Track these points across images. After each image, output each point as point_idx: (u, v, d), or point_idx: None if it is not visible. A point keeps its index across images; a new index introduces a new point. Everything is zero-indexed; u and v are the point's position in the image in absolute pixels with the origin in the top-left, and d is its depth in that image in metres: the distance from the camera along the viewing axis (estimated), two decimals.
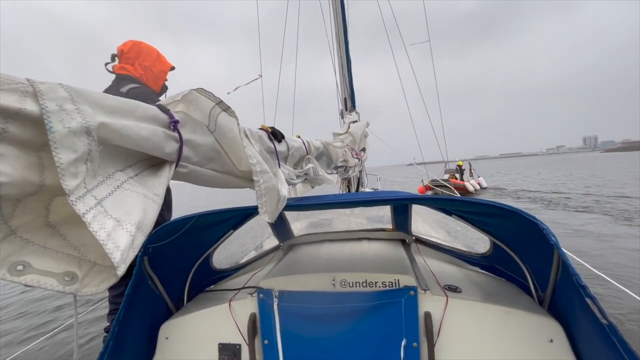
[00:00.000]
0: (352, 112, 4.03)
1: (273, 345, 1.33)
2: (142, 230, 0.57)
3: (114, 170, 0.60)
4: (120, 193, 0.57)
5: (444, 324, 1.24)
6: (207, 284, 1.93)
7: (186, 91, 0.82)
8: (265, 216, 0.99)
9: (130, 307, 1.35)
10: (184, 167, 0.79)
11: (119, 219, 0.53)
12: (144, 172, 0.69)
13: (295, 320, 1.34)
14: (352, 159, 2.61)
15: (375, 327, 1.26)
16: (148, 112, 0.69)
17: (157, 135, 0.67)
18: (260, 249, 2.68)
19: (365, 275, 1.40)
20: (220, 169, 0.94)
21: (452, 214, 1.55)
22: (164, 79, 2.19)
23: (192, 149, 0.80)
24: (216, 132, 0.89)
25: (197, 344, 1.46)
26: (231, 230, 1.78)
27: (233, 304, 1.46)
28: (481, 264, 1.80)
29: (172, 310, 1.63)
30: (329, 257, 1.86)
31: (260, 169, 0.93)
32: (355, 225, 2.88)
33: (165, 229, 1.30)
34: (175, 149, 0.74)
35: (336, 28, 4.14)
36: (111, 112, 0.58)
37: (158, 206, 0.63)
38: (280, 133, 1.42)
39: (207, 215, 1.32)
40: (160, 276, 1.50)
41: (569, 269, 0.97)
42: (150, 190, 0.64)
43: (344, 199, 1.47)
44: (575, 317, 1.09)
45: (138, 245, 0.56)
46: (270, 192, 0.97)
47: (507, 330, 1.19)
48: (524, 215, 1.02)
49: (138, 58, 2.00)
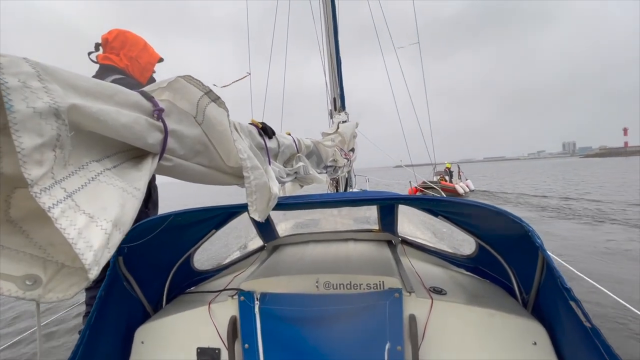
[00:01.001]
0: (341, 112, 4.00)
1: (254, 349, 1.28)
2: (120, 228, 0.51)
3: (88, 160, 0.53)
4: (95, 186, 0.51)
5: (428, 326, 1.23)
6: (188, 286, 1.86)
7: (172, 78, 0.76)
8: (255, 215, 0.93)
9: (103, 310, 1.28)
10: (169, 160, 0.72)
11: (93, 215, 0.47)
12: (124, 164, 0.62)
13: (277, 323, 1.30)
14: (342, 158, 2.58)
15: (358, 330, 1.24)
16: (130, 97, 0.62)
17: (139, 123, 0.61)
18: (244, 250, 2.61)
19: (350, 277, 1.38)
20: (208, 164, 0.87)
21: (438, 215, 1.54)
22: (152, 71, 2.08)
23: (177, 140, 0.74)
24: (204, 124, 0.83)
25: (174, 349, 1.39)
26: (213, 230, 1.72)
27: (213, 306, 1.40)
28: (466, 266, 1.81)
29: (149, 313, 1.56)
30: (314, 258, 1.83)
31: (251, 164, 0.88)
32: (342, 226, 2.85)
33: (142, 228, 1.24)
34: (159, 140, 0.68)
35: (326, 27, 4.11)
36: (86, 94, 0.51)
37: (138, 201, 0.57)
38: (270, 129, 1.36)
39: (186, 213, 1.25)
40: (137, 277, 1.43)
41: (554, 272, 0.98)
42: (130, 184, 0.57)
43: (331, 198, 1.44)
44: (559, 319, 1.10)
45: (114, 245, 0.49)
46: (261, 189, 0.92)
47: (492, 333, 1.19)
48: (509, 216, 1.02)
49: (123, 48, 1.90)
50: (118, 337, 1.41)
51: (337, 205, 2.32)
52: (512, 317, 1.20)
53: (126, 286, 1.41)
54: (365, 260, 1.74)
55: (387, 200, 1.22)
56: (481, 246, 1.56)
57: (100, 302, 1.25)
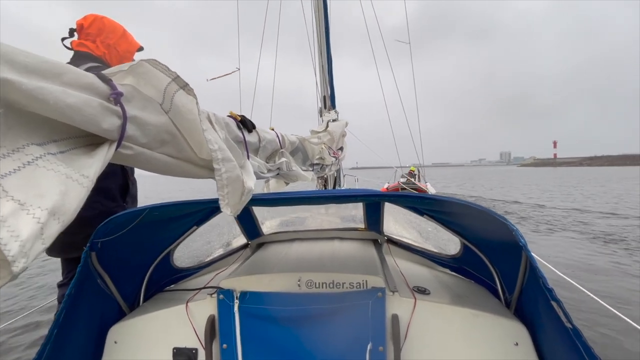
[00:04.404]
0: (331, 110, 3.97)
1: (232, 349, 1.25)
2: (59, 218, 0.46)
3: (26, 143, 0.48)
4: (32, 171, 0.46)
5: (411, 326, 1.21)
6: (167, 284, 1.80)
7: (135, 62, 0.71)
8: (227, 209, 0.89)
9: (73, 308, 1.21)
10: (128, 149, 0.67)
11: (24, 202, 0.42)
12: (74, 150, 0.58)
13: (256, 322, 1.26)
14: (329, 157, 2.55)
15: (340, 330, 1.21)
16: (82, 78, 0.58)
17: (91, 106, 0.56)
18: (227, 247, 2.56)
19: (333, 276, 1.35)
20: (176, 155, 0.83)
21: (423, 214, 1.53)
22: (131, 59, 1.97)
23: (139, 127, 0.69)
24: (171, 112, 0.78)
25: (148, 349, 1.34)
26: (195, 226, 1.66)
27: (191, 305, 1.36)
28: (451, 266, 1.80)
29: (124, 312, 1.50)
30: (298, 256, 1.80)
31: (222, 156, 0.84)
32: (328, 224, 2.82)
33: (116, 222, 1.18)
34: (117, 126, 0.63)
35: (317, 25, 4.07)
36: (25, 71, 0.47)
37: (85, 190, 0.52)
38: (250, 122, 1.32)
39: (163, 207, 1.20)
40: (112, 274, 1.37)
41: (536, 272, 0.97)
42: (77, 171, 0.53)
43: (314, 194, 1.41)
44: (541, 320, 1.10)
45: (51, 235, 0.45)
46: (233, 183, 0.88)
47: (474, 333, 1.18)
48: (494, 215, 1.01)
49: (100, 35, 1.80)
50: (89, 337, 1.35)
51: (318, 202, 2.28)
52: (495, 317, 1.19)
53: (100, 283, 1.34)
54: (350, 259, 1.71)
55: (372, 197, 1.20)
56: (466, 246, 1.55)
57: (70, 299, 1.19)
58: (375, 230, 2.16)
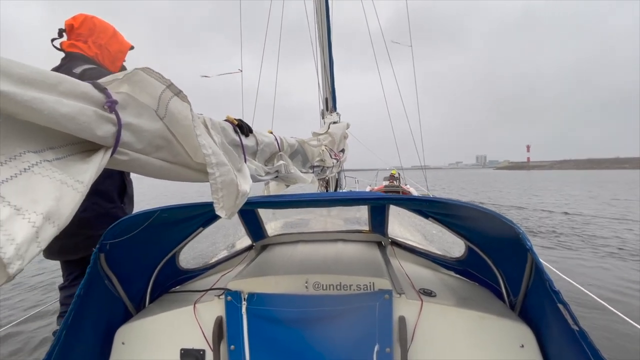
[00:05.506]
0: (332, 112, 3.99)
1: (240, 350, 1.26)
2: (54, 222, 0.49)
3: (23, 151, 0.51)
4: (28, 177, 0.49)
5: (417, 328, 1.22)
6: (173, 285, 1.82)
7: (130, 71, 0.74)
8: (222, 213, 0.91)
9: (82, 309, 1.23)
10: (124, 154, 0.70)
11: (20, 207, 0.45)
12: (70, 157, 0.60)
13: (264, 324, 1.27)
14: (330, 159, 2.56)
15: (347, 332, 1.22)
16: (77, 88, 0.60)
17: (85, 114, 0.59)
18: (232, 249, 2.58)
19: (340, 278, 1.36)
20: (172, 160, 0.85)
21: (428, 216, 1.53)
22: (123, 59, 1.99)
23: (134, 134, 0.72)
24: (167, 118, 0.81)
25: (156, 350, 1.36)
26: (201, 227, 1.68)
27: (198, 306, 1.37)
28: (456, 268, 1.80)
29: (131, 313, 1.52)
30: (303, 258, 1.80)
31: (216, 160, 0.86)
32: (332, 226, 2.83)
33: (125, 224, 1.21)
34: (112, 133, 0.66)
35: (319, 27, 4.10)
36: (21, 82, 0.49)
37: (80, 195, 0.55)
38: (247, 126, 1.34)
39: (172, 209, 1.22)
40: (119, 275, 1.39)
41: (543, 275, 0.97)
42: (72, 177, 0.55)
43: (318, 197, 1.42)
44: (547, 322, 1.09)
45: (46, 239, 0.47)
46: (228, 186, 0.90)
47: (480, 335, 1.19)
48: (501, 218, 1.01)
49: (92, 35, 1.79)
50: (97, 338, 1.37)
51: (322, 205, 2.30)
52: (500, 319, 1.20)
53: (107, 285, 1.37)
54: (355, 261, 1.72)
55: (378, 200, 1.21)
56: (471, 249, 1.55)
57: (78, 301, 1.20)
58: (380, 232, 2.17)
